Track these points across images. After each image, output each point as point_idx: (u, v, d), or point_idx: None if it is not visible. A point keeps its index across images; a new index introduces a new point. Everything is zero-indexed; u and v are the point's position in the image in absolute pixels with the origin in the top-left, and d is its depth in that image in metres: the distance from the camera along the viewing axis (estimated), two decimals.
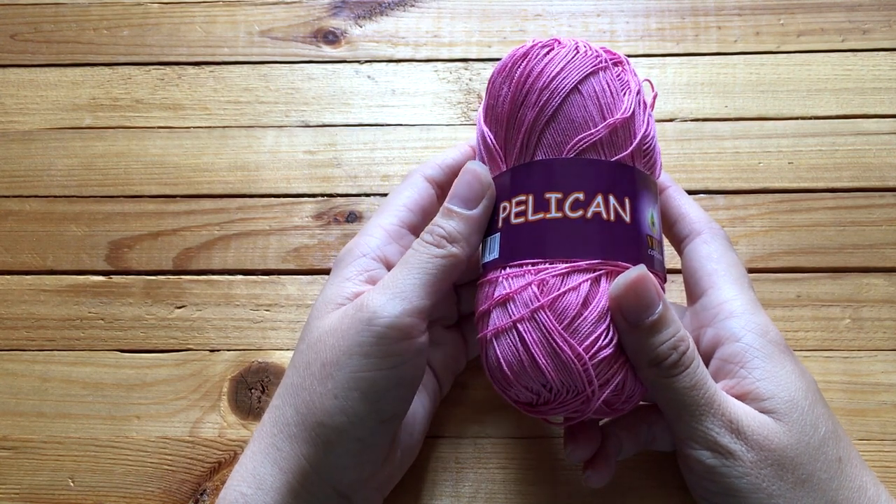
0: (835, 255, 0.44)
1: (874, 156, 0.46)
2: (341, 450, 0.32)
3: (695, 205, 0.37)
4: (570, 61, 0.33)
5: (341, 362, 0.32)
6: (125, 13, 0.53)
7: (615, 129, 0.33)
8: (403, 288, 0.32)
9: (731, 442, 0.31)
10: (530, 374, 0.31)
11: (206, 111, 0.50)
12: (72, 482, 0.41)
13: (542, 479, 0.39)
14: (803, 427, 0.31)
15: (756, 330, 0.33)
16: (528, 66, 0.33)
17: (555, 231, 0.32)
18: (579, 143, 0.32)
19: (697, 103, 0.49)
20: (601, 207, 0.32)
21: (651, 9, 0.51)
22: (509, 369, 0.32)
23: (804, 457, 0.31)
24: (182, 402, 0.42)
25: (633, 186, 0.33)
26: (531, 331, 0.31)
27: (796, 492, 0.31)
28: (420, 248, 0.33)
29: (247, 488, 0.32)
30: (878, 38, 0.50)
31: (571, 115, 0.33)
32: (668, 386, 0.31)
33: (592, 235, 0.32)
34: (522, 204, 0.33)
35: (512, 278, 0.32)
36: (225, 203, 0.47)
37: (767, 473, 0.31)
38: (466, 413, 0.41)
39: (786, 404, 0.32)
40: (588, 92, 0.33)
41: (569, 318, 0.31)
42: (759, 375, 0.32)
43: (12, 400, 0.43)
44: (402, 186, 0.38)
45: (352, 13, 0.52)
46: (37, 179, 0.48)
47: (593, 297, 0.31)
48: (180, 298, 0.45)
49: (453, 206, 0.34)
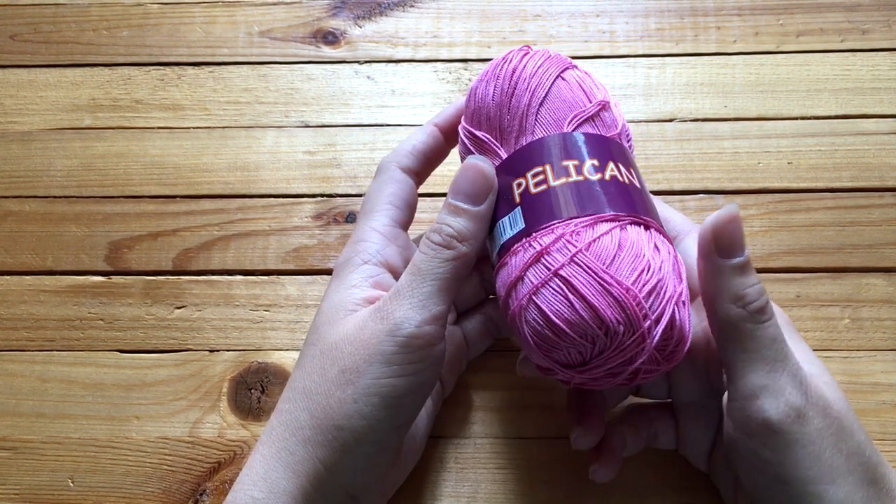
0: (834, 255, 0.44)
1: (873, 156, 0.47)
2: (358, 453, 0.32)
3: (675, 211, 0.38)
4: (545, 60, 0.35)
5: (361, 370, 0.32)
6: (125, 14, 0.53)
7: (605, 107, 0.35)
8: (421, 296, 0.32)
9: (802, 402, 0.30)
10: (585, 317, 0.30)
11: (206, 111, 0.50)
12: (71, 482, 0.41)
13: (541, 479, 0.39)
14: (845, 400, 0.32)
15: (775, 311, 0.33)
16: (512, 65, 0.35)
17: (578, 192, 0.32)
18: (576, 117, 0.34)
19: (697, 103, 0.49)
20: (616, 172, 0.33)
21: (650, 9, 0.51)
22: (560, 320, 0.30)
23: (854, 426, 0.31)
24: (182, 402, 0.42)
25: (632, 163, 0.34)
26: (576, 274, 0.31)
27: (849, 463, 0.30)
28: (430, 251, 0.33)
29: (258, 492, 0.32)
30: (878, 39, 0.50)
31: (563, 96, 0.34)
32: (751, 333, 0.30)
33: (614, 193, 0.32)
34: (541, 174, 0.33)
35: (541, 238, 0.32)
36: (224, 203, 0.47)
37: (829, 444, 0.30)
38: (466, 413, 0.41)
39: (829, 378, 0.32)
40: (570, 79, 0.35)
41: (609, 259, 0.31)
42: (798, 356, 0.32)
43: (12, 400, 0.43)
44: (380, 181, 0.37)
45: (351, 13, 0.52)
46: (36, 180, 0.48)
47: (625, 241, 0.31)
48: (180, 299, 0.45)
49: (459, 202, 0.33)
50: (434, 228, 0.33)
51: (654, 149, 0.47)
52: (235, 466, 0.40)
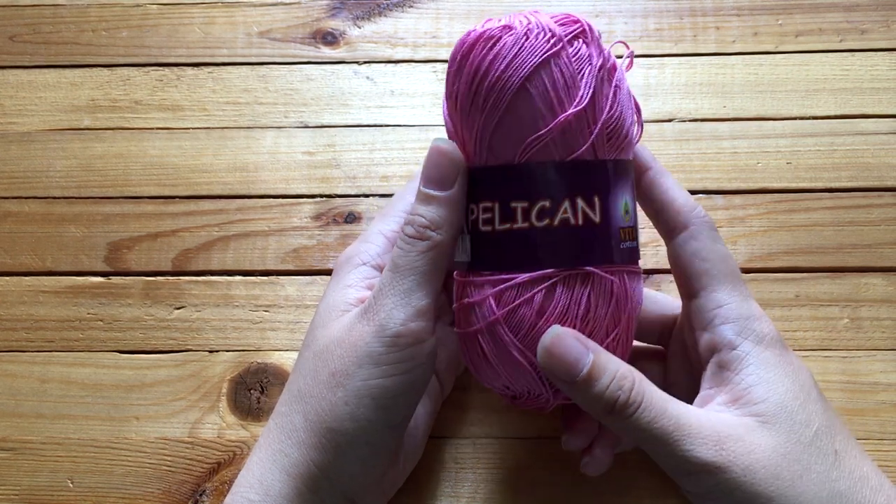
0: (833, 254, 0.44)
1: (872, 156, 0.47)
2: (352, 455, 0.32)
3: (678, 189, 0.36)
4: (517, 53, 0.30)
5: (351, 372, 0.32)
6: (124, 14, 0.53)
7: (569, 124, 0.30)
8: (402, 292, 0.32)
9: (717, 455, 0.30)
10: (492, 380, 0.34)
11: (205, 112, 0.50)
12: (71, 483, 0.41)
13: (540, 479, 0.39)
14: (792, 426, 0.31)
15: (751, 336, 0.33)
16: (475, 62, 0.31)
17: (519, 242, 0.31)
18: (529, 145, 0.31)
19: (696, 104, 0.49)
20: (569, 213, 0.31)
21: (649, 9, 0.52)
22: (476, 370, 0.34)
23: (797, 452, 0.31)
24: (181, 402, 0.42)
25: (600, 182, 0.31)
26: (489, 342, 0.32)
27: (795, 487, 0.30)
28: (406, 245, 0.32)
29: (254, 495, 0.32)
30: (876, 39, 0.50)
31: (520, 113, 0.31)
32: (632, 426, 0.30)
33: (558, 243, 0.31)
34: (489, 211, 0.32)
35: (475, 287, 0.33)
36: (224, 204, 0.47)
37: (762, 476, 0.30)
38: (465, 414, 0.41)
39: (774, 406, 0.32)
40: (538, 87, 0.30)
41: (524, 329, 0.31)
42: (752, 381, 0.32)
43: (11, 401, 0.43)
44: (404, 191, 0.38)
45: (350, 14, 0.53)
46: (36, 180, 0.48)
47: (548, 306, 0.31)
48: (179, 299, 0.45)
49: (429, 189, 0.32)
50: (408, 220, 0.33)
51: (654, 149, 0.47)
52: (235, 467, 0.40)
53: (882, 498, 0.31)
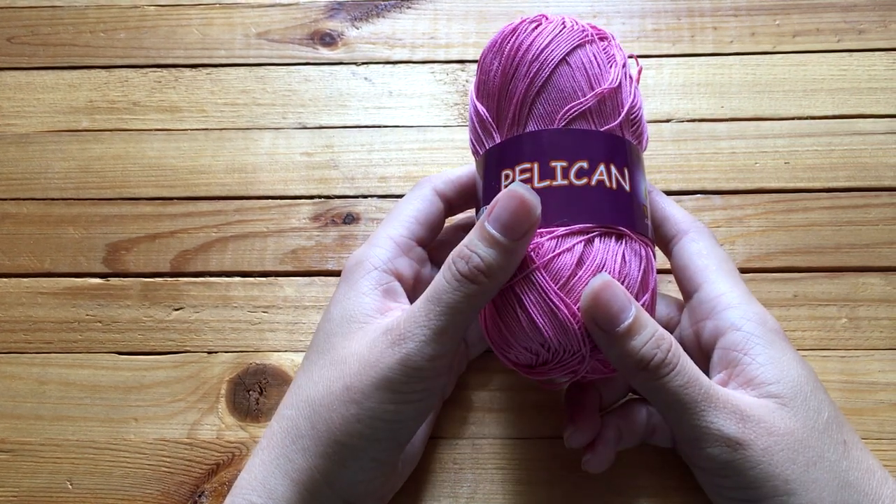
0: (831, 254, 0.44)
1: (870, 156, 0.47)
2: (356, 467, 0.32)
3: (676, 206, 0.38)
4: (557, 35, 0.34)
5: (368, 392, 0.31)
6: (122, 16, 0.53)
7: (603, 99, 0.33)
8: (437, 328, 0.31)
9: (740, 431, 0.30)
10: (529, 334, 0.32)
11: (203, 113, 0.50)
12: (70, 484, 0.41)
13: (539, 479, 0.39)
14: (807, 410, 0.32)
15: (755, 318, 0.33)
16: (518, 41, 0.34)
17: (558, 198, 0.32)
18: (569, 111, 0.33)
19: (694, 104, 0.49)
20: (604, 176, 0.33)
21: (647, 10, 0.52)
22: (508, 331, 0.33)
23: (812, 439, 0.31)
24: (180, 403, 0.42)
25: (628, 158, 0.34)
26: (528, 291, 0.32)
27: (809, 473, 0.30)
28: (454, 282, 0.30)
29: (257, 497, 0.32)
30: (874, 39, 0.50)
31: (561, 85, 0.33)
32: (662, 388, 0.31)
33: (594, 202, 0.32)
34: (527, 171, 0.33)
35: None
36: (222, 205, 0.47)
37: (780, 458, 0.30)
38: (464, 414, 0.41)
39: (790, 388, 0.32)
40: (576, 63, 0.34)
41: (564, 278, 0.31)
42: (763, 361, 0.32)
43: (10, 402, 0.43)
44: (411, 196, 0.38)
45: (348, 15, 0.53)
46: (34, 182, 0.48)
47: (587, 257, 0.32)
48: (178, 300, 0.45)
49: (496, 232, 0.30)
50: (462, 254, 0.30)
51: (651, 149, 0.47)
52: (234, 468, 0.40)
53: (887, 491, 0.31)
